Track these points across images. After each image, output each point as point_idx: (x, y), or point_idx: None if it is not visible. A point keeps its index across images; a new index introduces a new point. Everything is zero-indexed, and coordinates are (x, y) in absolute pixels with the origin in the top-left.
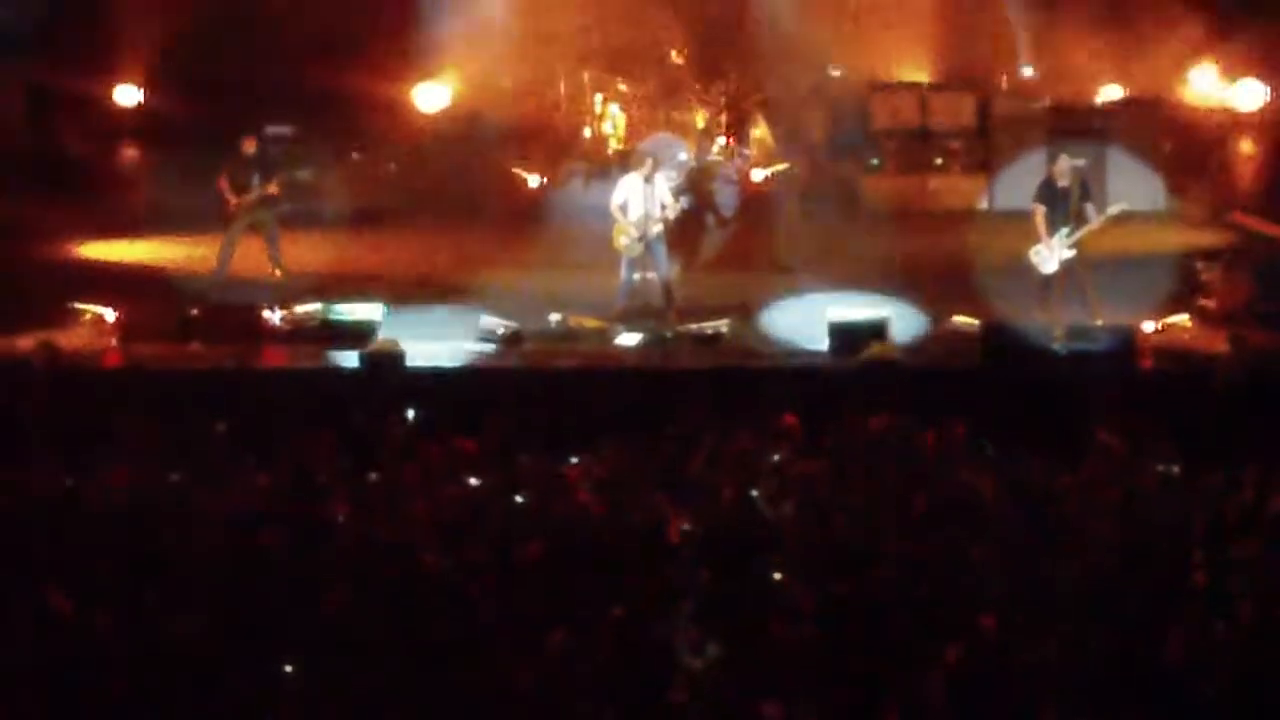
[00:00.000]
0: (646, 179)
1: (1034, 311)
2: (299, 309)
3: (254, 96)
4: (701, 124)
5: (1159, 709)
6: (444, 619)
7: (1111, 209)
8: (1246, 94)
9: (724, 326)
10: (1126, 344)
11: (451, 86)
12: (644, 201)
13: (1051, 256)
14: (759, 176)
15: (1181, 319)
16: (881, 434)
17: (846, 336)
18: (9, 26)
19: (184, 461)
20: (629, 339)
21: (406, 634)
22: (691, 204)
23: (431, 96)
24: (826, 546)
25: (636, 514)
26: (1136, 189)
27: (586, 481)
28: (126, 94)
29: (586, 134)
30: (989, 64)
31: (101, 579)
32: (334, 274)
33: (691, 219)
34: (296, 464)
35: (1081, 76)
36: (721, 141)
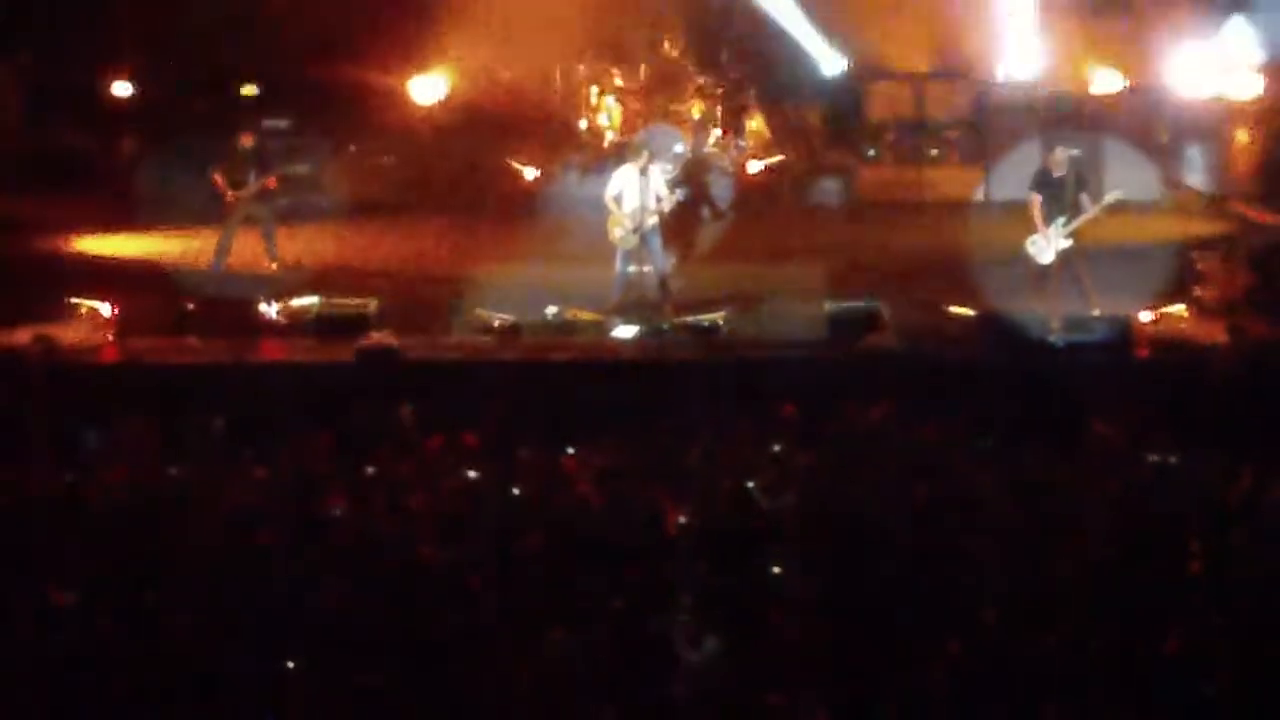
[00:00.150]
0: (642, 171)
1: (1031, 302)
2: (296, 303)
3: (255, 89)
4: (698, 115)
5: (1158, 702)
6: (441, 613)
7: (1107, 198)
8: (1242, 83)
9: (720, 318)
10: (1123, 334)
11: (448, 79)
12: (639, 193)
13: (1048, 246)
14: (755, 168)
15: (1178, 309)
16: (878, 424)
17: (844, 327)
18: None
19: (181, 456)
20: (626, 331)
21: (404, 629)
22: (687, 196)
23: (428, 89)
24: (824, 538)
25: (634, 506)
26: (1133, 178)
27: (584, 474)
28: (122, 87)
29: (583, 126)
30: (985, 54)
31: (99, 575)
32: (331, 267)
33: (688, 211)
34: (294, 459)
35: (1078, 66)
36: (718, 133)
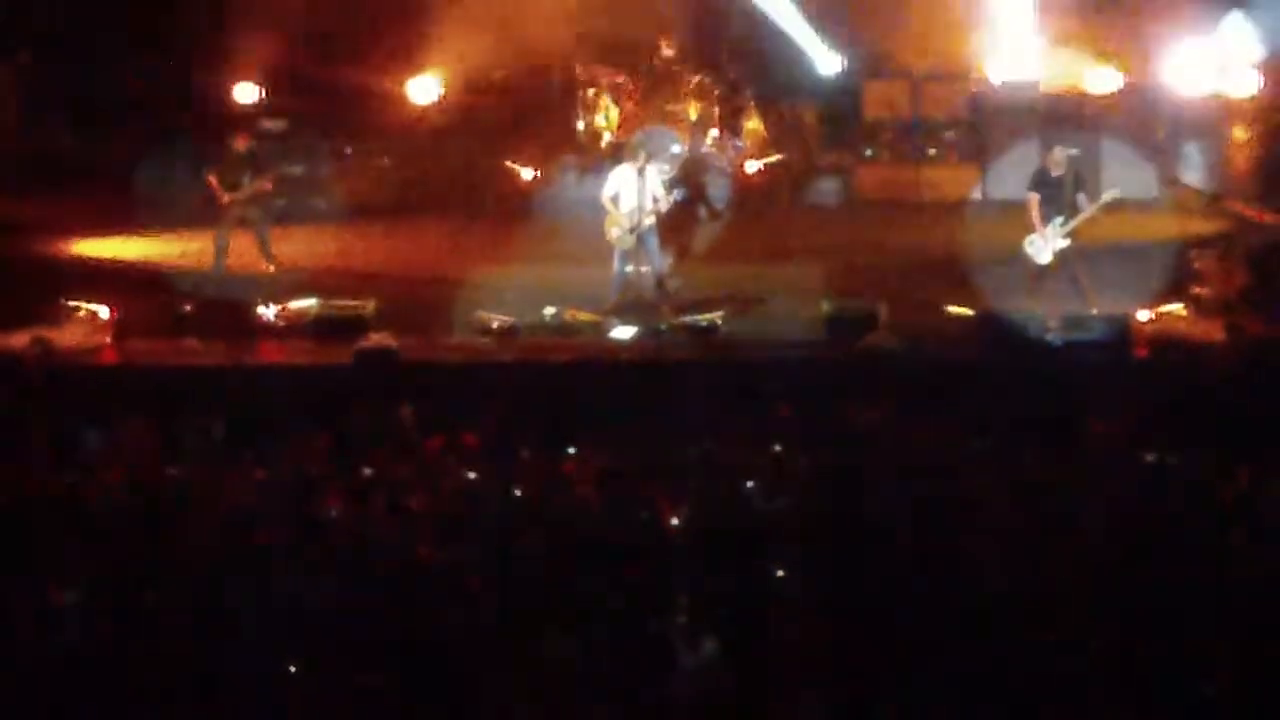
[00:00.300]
0: (639, 171)
1: (1029, 301)
2: (294, 304)
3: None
4: (695, 116)
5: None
6: (440, 614)
7: (1104, 196)
8: (1240, 80)
9: (718, 318)
10: (1121, 333)
11: (444, 79)
12: (637, 194)
13: (1046, 246)
14: (753, 168)
15: (1176, 308)
16: (877, 425)
17: (841, 327)
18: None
19: (179, 458)
20: (623, 332)
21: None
22: (685, 196)
23: (424, 89)
24: (822, 539)
25: (632, 507)
26: (1131, 177)
27: (583, 475)
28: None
29: (580, 127)
30: (982, 53)
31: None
32: (329, 269)
33: (685, 211)
34: (292, 460)
35: (1075, 65)
36: (715, 133)
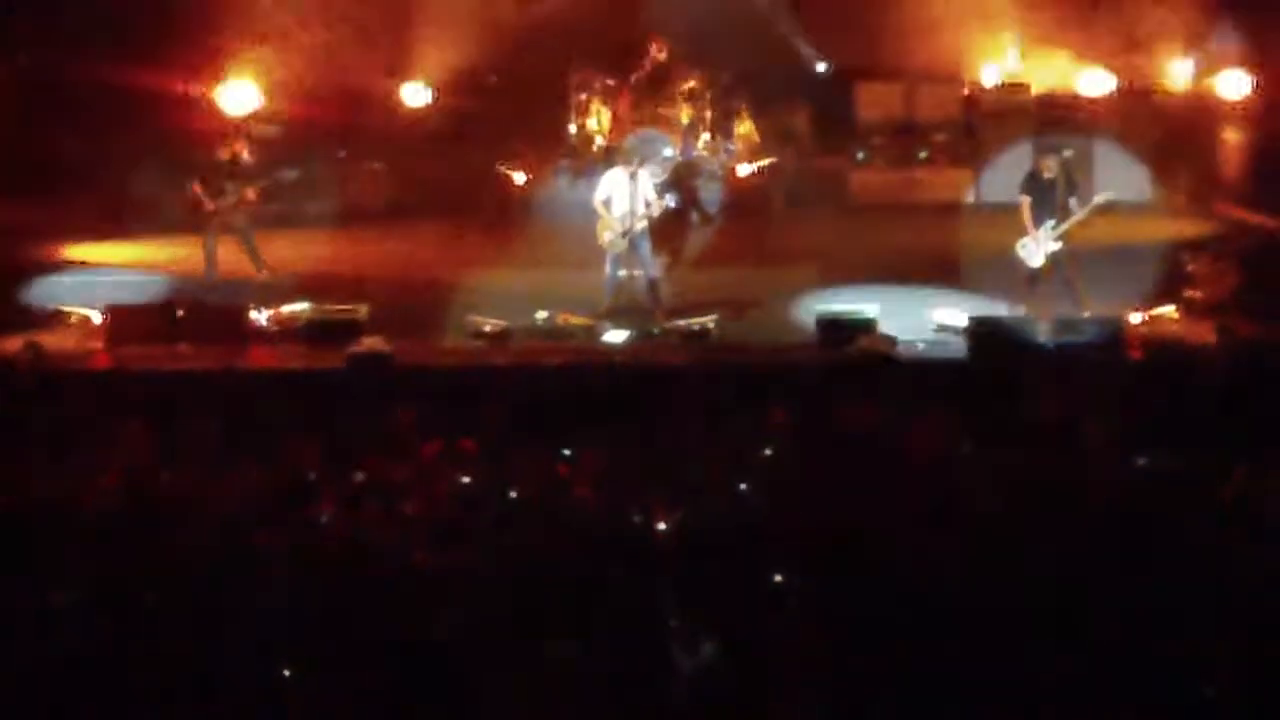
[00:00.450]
0: (631, 175)
1: (1021, 304)
2: (286, 309)
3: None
4: (686, 119)
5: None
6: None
7: (1097, 199)
8: (1231, 84)
9: (711, 322)
10: (1114, 336)
11: (437, 83)
12: (629, 197)
13: (1038, 249)
14: (745, 171)
15: (1168, 310)
16: (870, 427)
17: (834, 330)
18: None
19: (172, 463)
20: (616, 336)
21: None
22: (677, 200)
23: (417, 94)
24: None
25: (625, 510)
26: (1123, 180)
27: (576, 479)
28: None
29: (572, 130)
30: (975, 55)
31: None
32: (321, 273)
33: (677, 215)
34: (287, 464)
35: (1067, 68)
36: (707, 137)
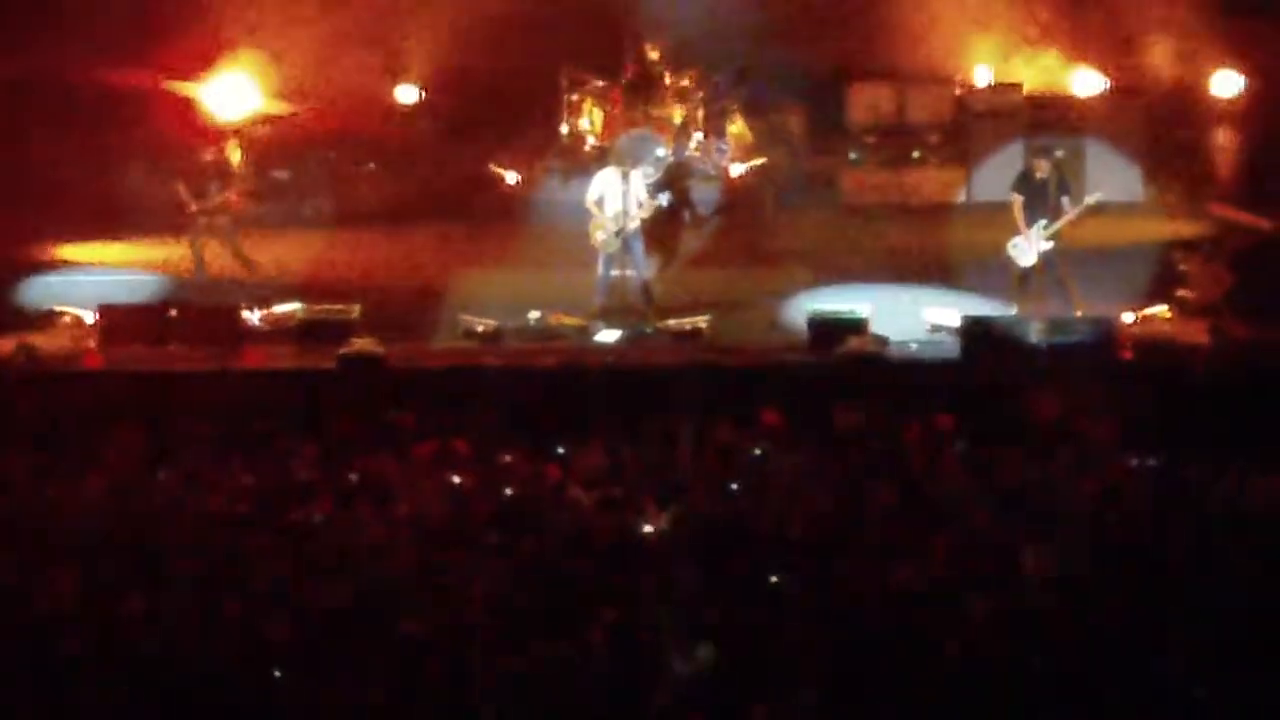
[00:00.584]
0: (624, 175)
1: (1013, 303)
2: (279, 309)
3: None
4: (679, 119)
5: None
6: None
7: (1088, 199)
8: (1223, 84)
9: (703, 322)
10: (1105, 335)
11: (429, 84)
12: (621, 197)
13: (1030, 248)
14: (737, 172)
15: (1160, 310)
16: (861, 427)
17: (826, 330)
18: None
19: (164, 463)
20: (608, 336)
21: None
22: (670, 200)
23: (409, 94)
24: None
25: (618, 511)
26: (1115, 180)
27: (569, 479)
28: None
29: (564, 130)
30: (967, 56)
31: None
32: (313, 273)
33: (670, 215)
34: (278, 465)
35: (1058, 68)
36: (699, 137)
